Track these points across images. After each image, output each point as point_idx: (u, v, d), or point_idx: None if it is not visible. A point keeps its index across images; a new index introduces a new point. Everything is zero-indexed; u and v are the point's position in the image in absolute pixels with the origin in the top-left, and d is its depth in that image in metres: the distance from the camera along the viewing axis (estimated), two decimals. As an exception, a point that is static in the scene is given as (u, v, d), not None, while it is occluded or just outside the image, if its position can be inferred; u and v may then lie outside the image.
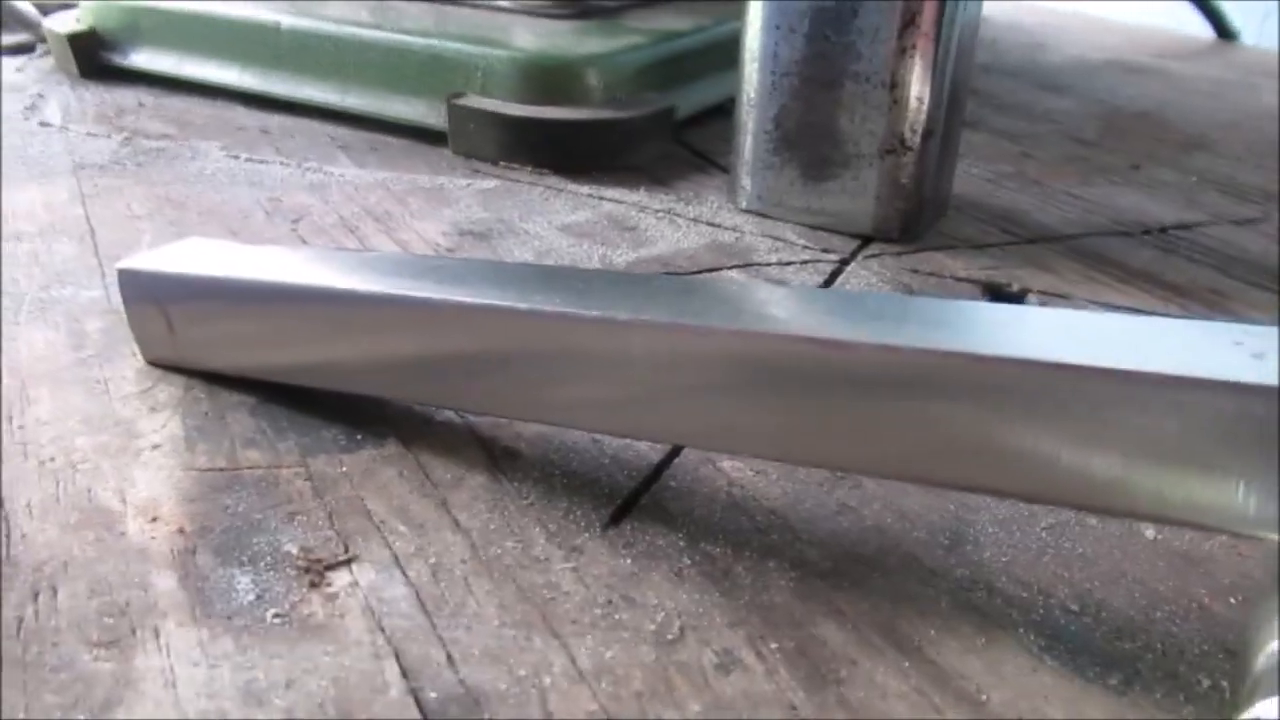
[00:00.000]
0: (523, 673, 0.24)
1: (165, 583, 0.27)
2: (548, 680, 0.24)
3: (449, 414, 0.35)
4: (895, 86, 0.49)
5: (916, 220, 0.52)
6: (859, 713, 0.24)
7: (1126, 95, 0.85)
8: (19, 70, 0.76)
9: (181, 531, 0.28)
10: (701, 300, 0.29)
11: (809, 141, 0.52)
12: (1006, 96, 0.82)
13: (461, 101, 0.61)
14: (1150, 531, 0.30)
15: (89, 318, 0.40)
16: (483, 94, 0.61)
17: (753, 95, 0.53)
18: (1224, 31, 1.14)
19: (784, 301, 0.31)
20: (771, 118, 0.52)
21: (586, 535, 0.29)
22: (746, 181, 0.55)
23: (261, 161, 0.59)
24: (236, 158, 0.59)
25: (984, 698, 0.24)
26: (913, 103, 0.49)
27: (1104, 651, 0.26)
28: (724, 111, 0.68)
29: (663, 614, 0.26)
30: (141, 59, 0.72)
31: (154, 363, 0.37)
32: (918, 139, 0.50)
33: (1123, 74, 0.93)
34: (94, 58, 0.73)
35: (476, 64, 0.61)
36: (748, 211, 0.55)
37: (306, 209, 0.52)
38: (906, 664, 0.25)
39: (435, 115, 0.62)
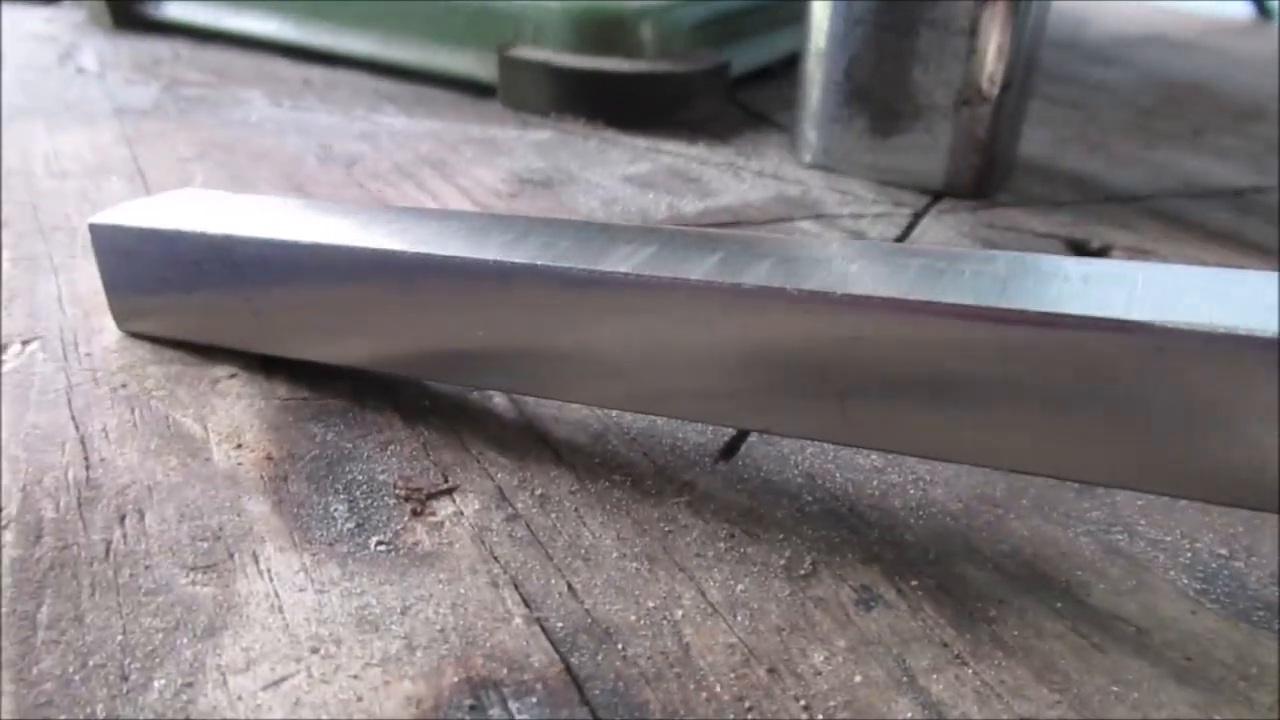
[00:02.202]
0: (651, 605, 0.23)
1: (258, 508, 0.25)
2: (679, 613, 0.22)
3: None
4: (974, 34, 0.47)
5: (988, 177, 0.50)
6: (1017, 652, 0.22)
7: (1177, 68, 0.83)
8: (48, 21, 0.74)
9: (270, 458, 0.27)
10: None
11: (881, 93, 0.50)
12: (1058, 68, 0.80)
13: (513, 53, 0.59)
14: (1286, 479, 0.29)
15: (147, 252, 0.38)
16: (534, 46, 0.59)
17: (822, 44, 0.51)
18: (1264, 11, 1.12)
19: None
20: (842, 68, 0.50)
21: (697, 470, 0.27)
22: (811, 135, 0.53)
23: (307, 110, 0.57)
24: (280, 106, 0.57)
25: (1146, 639, 0.23)
26: (992, 52, 0.47)
27: (1263, 597, 0.24)
28: (774, 74, 0.66)
29: (790, 550, 0.25)
30: (177, 10, 0.70)
31: None
32: (996, 90, 0.48)
33: (1170, 49, 0.91)
34: (127, 9, 0.71)
35: (528, 16, 0.59)
36: (811, 166, 0.53)
37: (359, 155, 0.50)
38: (1059, 604, 0.23)
39: (484, 68, 0.60)
